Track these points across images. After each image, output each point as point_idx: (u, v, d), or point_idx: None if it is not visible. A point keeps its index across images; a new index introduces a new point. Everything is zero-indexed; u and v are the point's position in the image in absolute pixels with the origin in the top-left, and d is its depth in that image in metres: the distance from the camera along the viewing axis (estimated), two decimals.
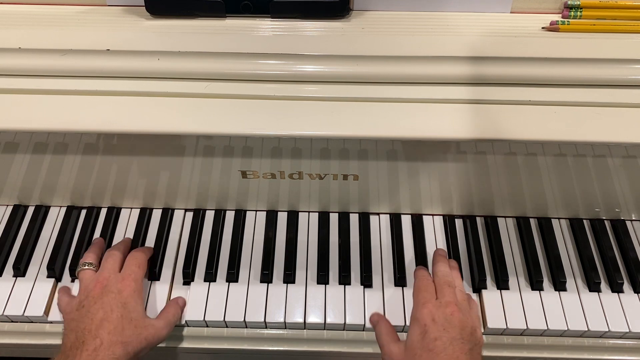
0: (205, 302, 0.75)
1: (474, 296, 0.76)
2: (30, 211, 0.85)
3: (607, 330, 0.73)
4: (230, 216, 0.84)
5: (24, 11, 0.77)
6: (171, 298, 0.76)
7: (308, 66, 0.68)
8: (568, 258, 0.80)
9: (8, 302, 0.75)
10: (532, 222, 0.84)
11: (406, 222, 0.84)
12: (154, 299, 0.75)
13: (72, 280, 0.78)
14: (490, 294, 0.76)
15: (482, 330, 0.69)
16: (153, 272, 0.78)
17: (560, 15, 0.76)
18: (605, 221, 0.84)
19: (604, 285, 0.77)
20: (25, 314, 0.74)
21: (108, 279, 0.69)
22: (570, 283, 0.77)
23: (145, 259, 0.75)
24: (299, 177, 0.77)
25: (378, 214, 0.85)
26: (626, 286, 0.77)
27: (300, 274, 0.78)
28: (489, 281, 0.78)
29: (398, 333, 0.74)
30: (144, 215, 0.84)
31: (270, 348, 0.74)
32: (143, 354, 0.67)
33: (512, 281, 0.77)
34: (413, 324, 0.67)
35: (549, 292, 0.76)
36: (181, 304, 0.75)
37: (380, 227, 0.83)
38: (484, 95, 0.67)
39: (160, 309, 0.74)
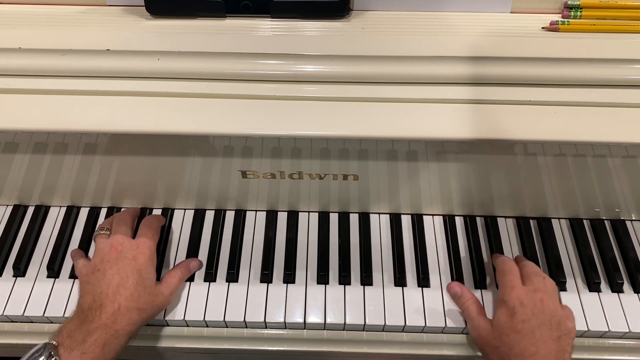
0: (205, 302, 0.75)
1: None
2: (30, 211, 0.85)
3: (607, 330, 0.73)
4: (230, 216, 0.84)
5: (24, 11, 0.77)
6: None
7: (308, 66, 0.68)
8: (568, 258, 0.80)
9: (8, 302, 0.75)
10: (532, 222, 0.84)
11: (406, 222, 0.84)
12: None
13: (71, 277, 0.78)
14: (491, 294, 0.76)
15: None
16: None
17: (560, 15, 0.76)
18: (605, 221, 0.84)
19: (604, 285, 0.77)
20: (25, 314, 0.74)
21: (122, 244, 0.70)
22: (570, 283, 0.77)
23: (158, 226, 0.77)
24: (299, 177, 0.77)
25: (378, 214, 0.85)
26: (626, 286, 0.77)
27: (300, 274, 0.78)
28: (489, 281, 0.78)
29: (397, 333, 0.74)
30: (144, 215, 0.84)
31: (270, 348, 0.74)
32: (151, 319, 0.70)
33: None
34: (500, 306, 0.68)
35: None
36: (192, 268, 0.76)
37: (380, 227, 0.83)
38: (484, 95, 0.67)
39: None
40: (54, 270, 0.78)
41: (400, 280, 0.77)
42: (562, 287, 0.76)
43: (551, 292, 0.68)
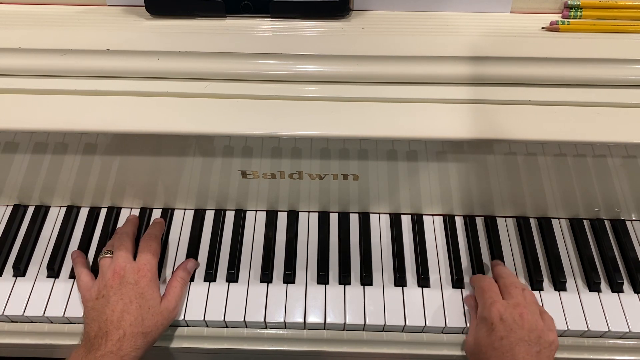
0: (205, 302, 0.75)
1: None
2: (30, 211, 0.85)
3: (607, 330, 0.73)
4: (230, 216, 0.84)
5: (24, 11, 0.77)
6: None
7: (308, 66, 0.68)
8: (568, 258, 0.80)
9: (8, 302, 0.75)
10: (532, 222, 0.84)
11: (406, 222, 0.84)
12: None
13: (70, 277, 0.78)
14: None
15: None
16: None
17: (560, 15, 0.76)
18: (605, 221, 0.84)
19: (604, 285, 0.77)
20: (25, 314, 0.74)
21: (124, 269, 0.70)
22: (570, 283, 0.77)
23: (158, 241, 0.77)
24: (299, 177, 0.77)
25: (378, 213, 0.85)
26: (626, 286, 0.77)
27: (300, 274, 0.78)
28: None
29: (397, 333, 0.74)
30: (144, 215, 0.84)
31: (270, 348, 0.74)
32: (159, 337, 0.70)
33: None
34: (480, 322, 0.68)
35: (548, 292, 0.76)
36: (190, 269, 0.76)
37: (380, 227, 0.83)
38: (484, 95, 0.67)
39: None
40: (54, 270, 0.78)
41: (400, 280, 0.77)
42: (562, 287, 0.76)
43: (531, 304, 0.68)
